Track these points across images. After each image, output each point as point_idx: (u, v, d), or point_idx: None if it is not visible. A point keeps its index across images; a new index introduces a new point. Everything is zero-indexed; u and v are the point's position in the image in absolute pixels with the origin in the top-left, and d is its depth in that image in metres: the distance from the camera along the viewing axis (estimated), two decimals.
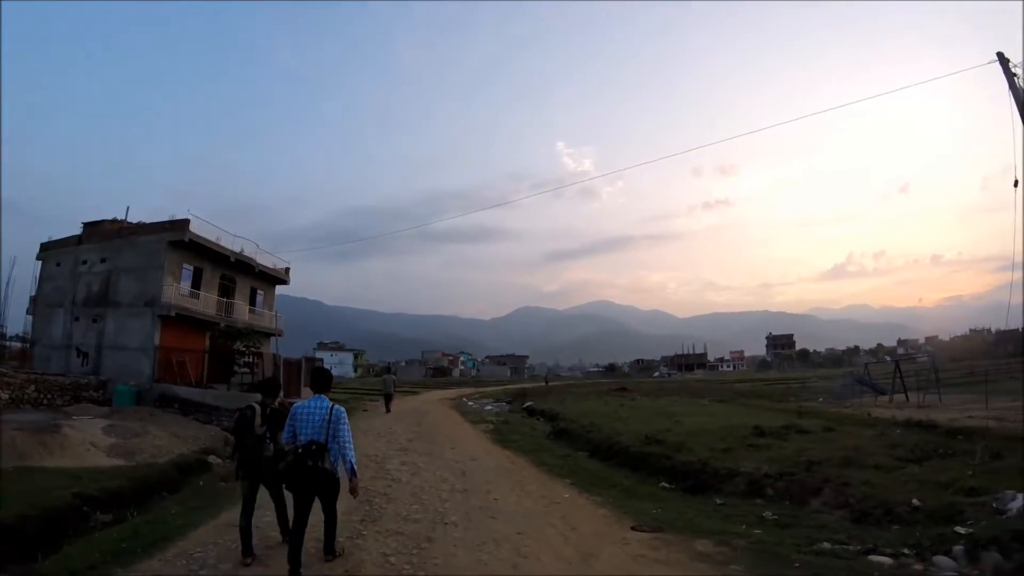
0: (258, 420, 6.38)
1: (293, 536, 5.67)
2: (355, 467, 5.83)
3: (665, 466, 12.76)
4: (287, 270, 37.12)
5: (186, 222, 27.04)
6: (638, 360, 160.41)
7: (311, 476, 5.66)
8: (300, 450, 5.69)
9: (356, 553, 6.20)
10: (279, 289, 37.58)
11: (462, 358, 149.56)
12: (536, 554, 6.20)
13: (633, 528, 7.38)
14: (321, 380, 6.25)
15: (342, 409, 6.02)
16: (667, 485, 11.69)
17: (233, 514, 6.98)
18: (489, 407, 31.79)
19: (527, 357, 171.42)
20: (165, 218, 27.78)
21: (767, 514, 9.03)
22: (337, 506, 5.99)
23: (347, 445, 5.85)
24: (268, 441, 6.36)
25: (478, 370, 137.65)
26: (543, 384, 65.52)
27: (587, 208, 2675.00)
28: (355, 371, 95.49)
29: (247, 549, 6.21)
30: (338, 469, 5.85)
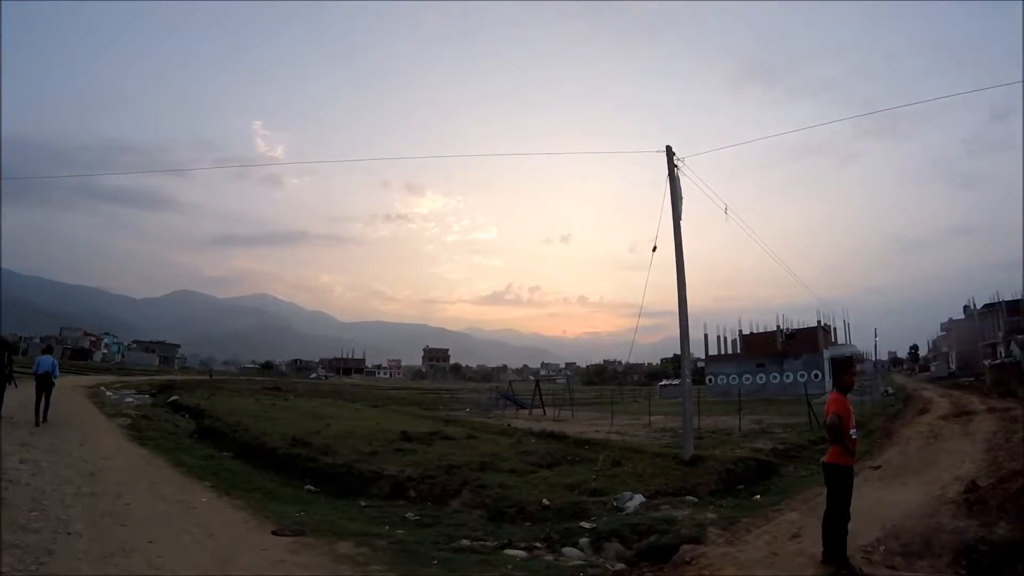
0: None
1: (37, 407, 13.69)
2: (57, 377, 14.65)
3: (311, 468, 12.47)
4: None
5: None
6: (296, 360, 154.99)
7: (46, 383, 13.95)
8: (42, 373, 13.97)
9: None
10: None
11: (107, 340, 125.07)
12: (169, 564, 5.65)
13: (274, 532, 6.98)
14: (48, 349, 15.79)
15: (57, 361, 14.83)
16: (313, 488, 11.43)
17: None
18: (130, 399, 27.79)
19: (179, 346, 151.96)
20: None
21: (410, 515, 9.27)
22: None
23: (57, 372, 14.67)
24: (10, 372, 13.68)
25: (123, 356, 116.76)
26: (207, 377, 61.49)
27: (269, 196, 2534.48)
28: None
29: None
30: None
